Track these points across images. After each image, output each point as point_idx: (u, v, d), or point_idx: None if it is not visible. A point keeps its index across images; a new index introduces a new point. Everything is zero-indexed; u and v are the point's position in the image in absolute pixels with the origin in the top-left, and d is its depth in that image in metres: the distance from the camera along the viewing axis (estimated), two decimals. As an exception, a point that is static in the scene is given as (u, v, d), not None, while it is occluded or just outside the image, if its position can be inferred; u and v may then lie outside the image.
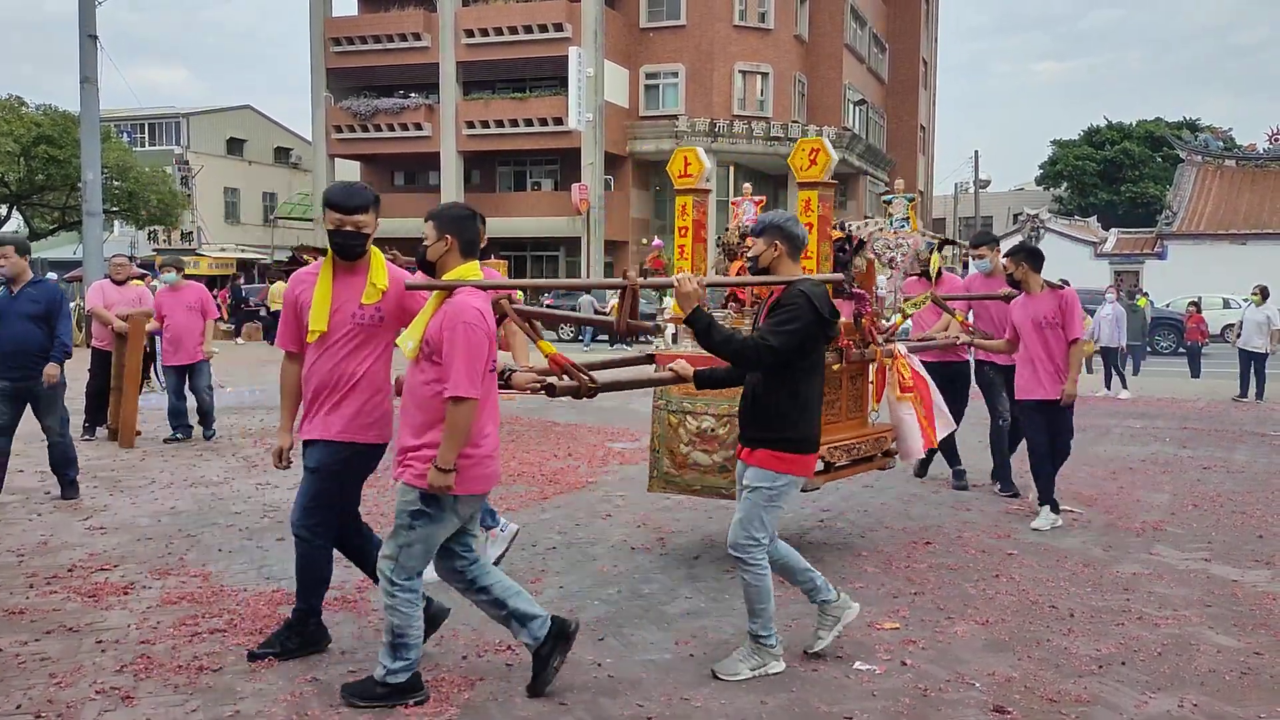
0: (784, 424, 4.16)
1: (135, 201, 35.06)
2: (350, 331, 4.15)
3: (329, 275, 4.18)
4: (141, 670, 4.14)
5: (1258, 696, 4.03)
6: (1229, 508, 7.43)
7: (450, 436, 3.72)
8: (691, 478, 5.75)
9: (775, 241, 4.28)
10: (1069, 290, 6.98)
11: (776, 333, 4.05)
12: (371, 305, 4.16)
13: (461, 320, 3.72)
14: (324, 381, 4.17)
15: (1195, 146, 40.69)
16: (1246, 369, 14.93)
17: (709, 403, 5.63)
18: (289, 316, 4.28)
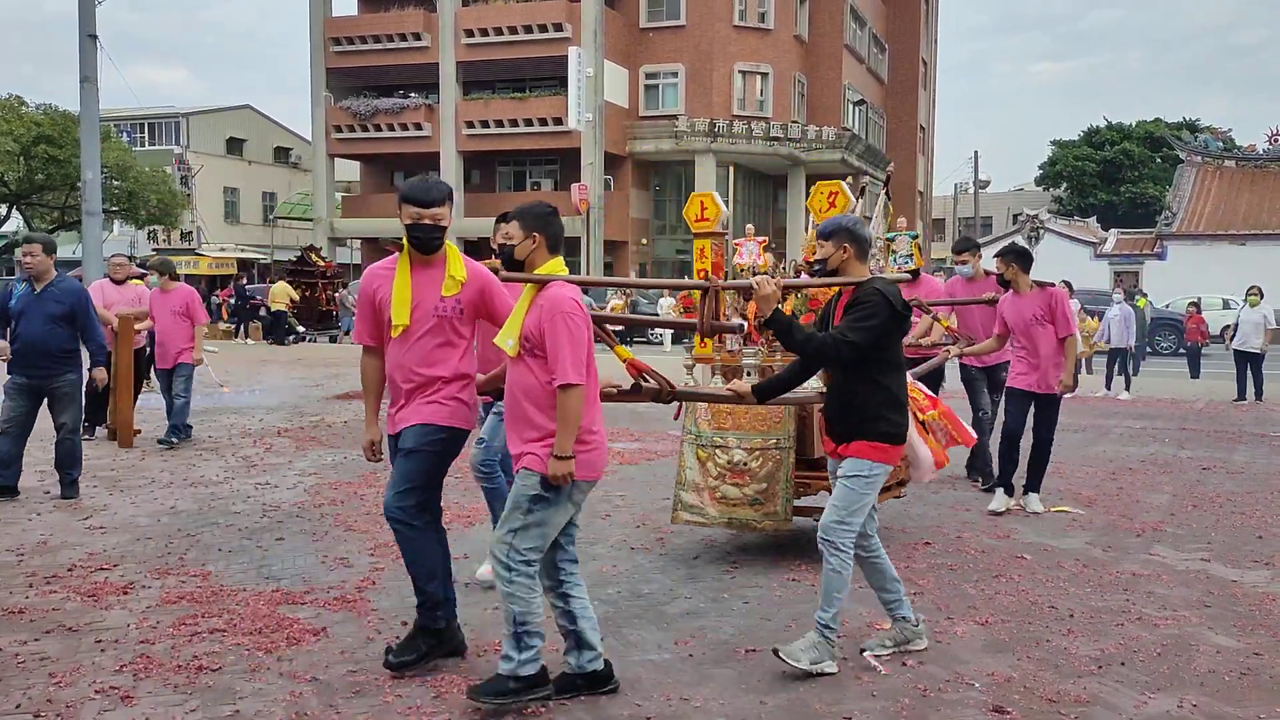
0: (875, 416, 4.28)
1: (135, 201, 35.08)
2: (433, 324, 4.19)
3: (407, 270, 4.22)
4: (141, 670, 4.14)
5: (1257, 697, 4.03)
6: (1228, 508, 7.43)
7: (565, 424, 3.80)
8: (718, 512, 5.80)
9: (844, 244, 4.41)
10: (1058, 289, 7.27)
11: (855, 329, 4.17)
12: (451, 297, 4.21)
13: (561, 311, 3.81)
14: (411, 373, 4.20)
15: (1195, 147, 40.70)
16: (1243, 371, 14.86)
17: (741, 436, 5.73)
18: (367, 312, 4.32)
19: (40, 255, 7.19)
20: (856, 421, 4.29)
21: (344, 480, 8.09)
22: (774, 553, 6.05)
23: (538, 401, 3.87)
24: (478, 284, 4.27)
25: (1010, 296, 7.23)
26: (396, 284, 4.19)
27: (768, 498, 5.68)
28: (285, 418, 11.74)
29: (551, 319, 3.80)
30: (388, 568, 5.63)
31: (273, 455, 9.22)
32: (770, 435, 5.69)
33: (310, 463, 8.86)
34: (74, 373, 7.34)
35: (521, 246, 3.98)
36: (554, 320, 3.80)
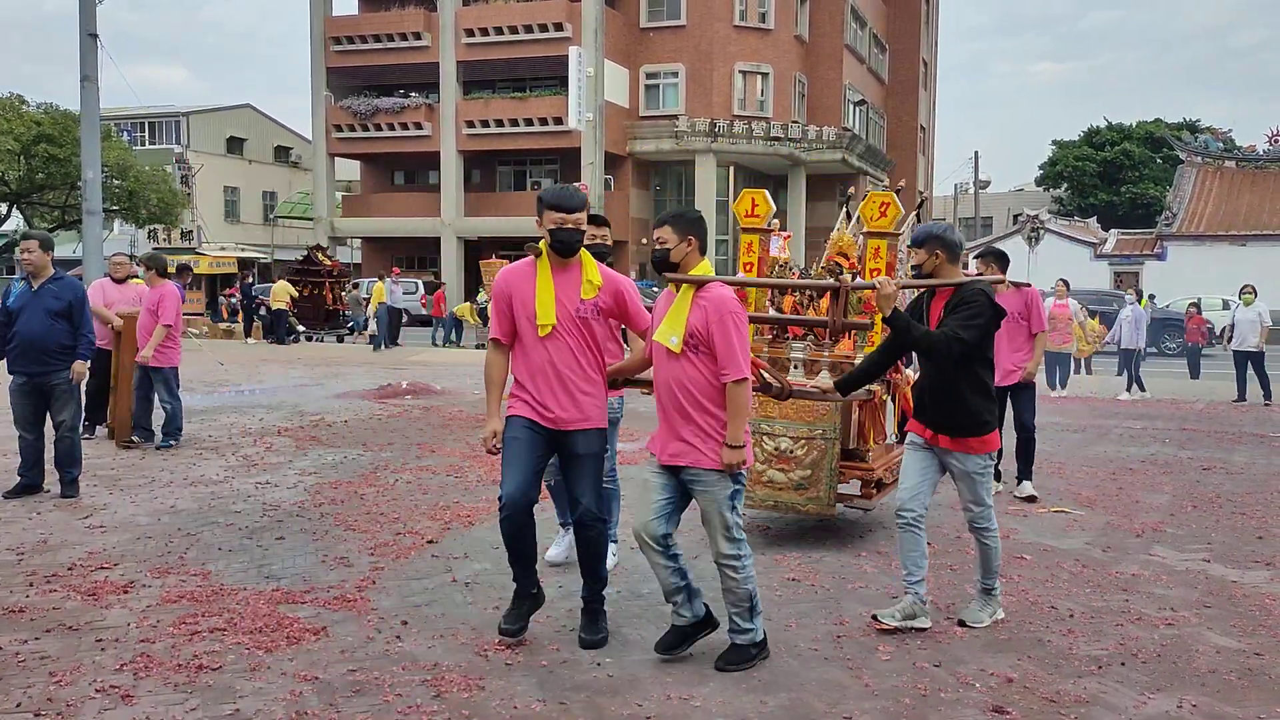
0: (980, 410, 4.72)
1: (135, 200, 35.05)
2: (572, 325, 4.43)
3: (549, 273, 4.45)
4: (141, 669, 4.14)
5: (1257, 697, 4.03)
6: (1228, 509, 7.43)
7: (736, 415, 4.14)
8: (764, 494, 6.16)
9: (936, 250, 4.79)
10: (1032, 289, 7.96)
11: (967, 327, 4.57)
12: (589, 300, 4.45)
13: (730, 310, 4.15)
14: (545, 369, 4.42)
15: (1195, 147, 40.67)
16: (1243, 371, 14.81)
17: (788, 425, 6.08)
18: (502, 310, 4.51)
19: (37, 252, 7.27)
20: (965, 417, 4.71)
21: (344, 480, 8.09)
22: (774, 552, 6.05)
23: (706, 394, 4.18)
24: (613, 287, 4.53)
25: None
26: (539, 287, 4.42)
27: (812, 483, 6.05)
28: (285, 417, 11.74)
29: (720, 318, 4.12)
30: (388, 567, 5.63)
31: (273, 454, 9.22)
32: (816, 426, 6.03)
33: (311, 462, 8.86)
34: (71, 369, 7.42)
35: (677, 249, 4.29)
36: (723, 319, 4.12)
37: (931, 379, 4.81)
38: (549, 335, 4.40)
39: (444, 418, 11.76)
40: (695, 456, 4.19)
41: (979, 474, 4.76)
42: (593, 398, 4.49)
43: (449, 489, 7.77)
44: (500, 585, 5.32)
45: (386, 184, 45.69)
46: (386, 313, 23.64)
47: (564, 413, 4.43)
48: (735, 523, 4.27)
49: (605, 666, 4.25)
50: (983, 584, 4.90)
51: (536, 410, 4.44)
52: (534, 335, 4.42)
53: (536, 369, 4.44)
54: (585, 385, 4.46)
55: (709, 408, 4.18)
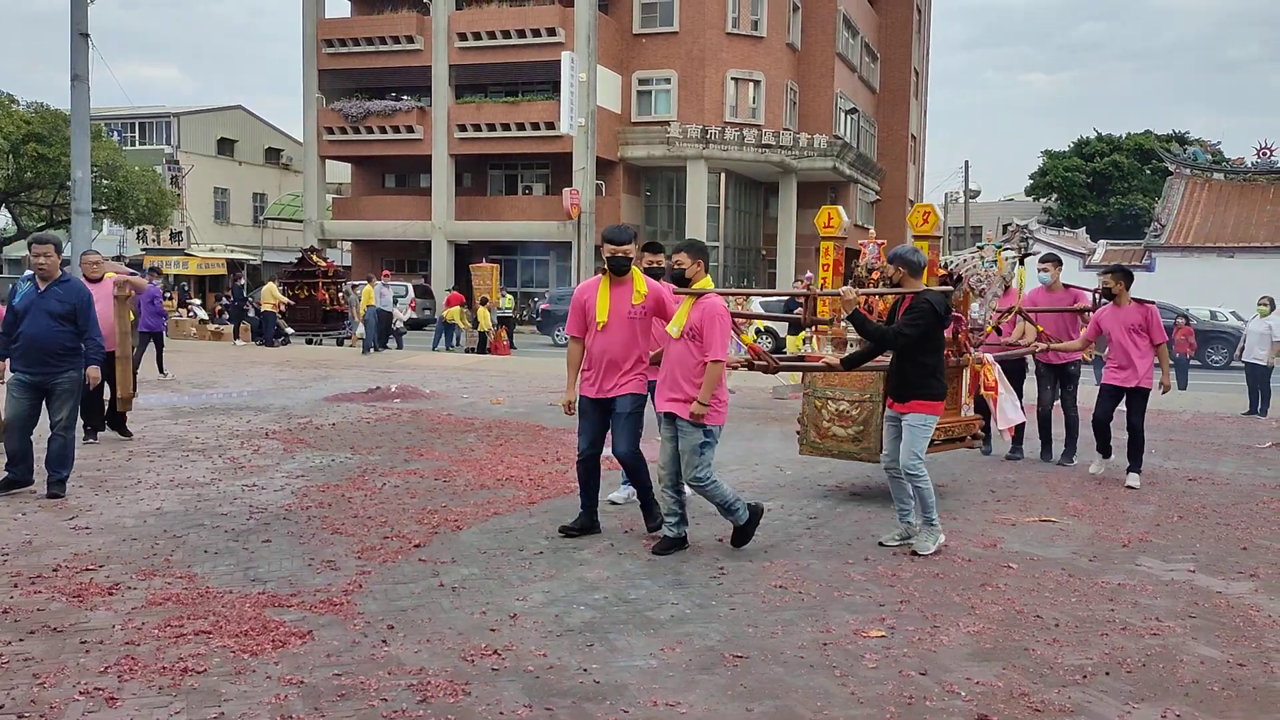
0: (922, 383, 6.19)
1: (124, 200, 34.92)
2: (624, 323, 6.23)
3: (606, 285, 6.30)
4: (125, 671, 4.12)
5: (1241, 708, 4.05)
6: (1214, 520, 7.46)
7: (708, 385, 5.88)
8: (830, 444, 7.83)
9: (900, 268, 6.37)
10: (1152, 305, 8.80)
11: (911, 325, 6.11)
12: (638, 305, 6.26)
13: (716, 312, 5.96)
14: (610, 357, 6.24)
15: (1184, 160, 40.85)
16: (1253, 383, 14.55)
17: (845, 391, 7.69)
18: (578, 313, 6.33)
19: (54, 256, 7.40)
20: (911, 386, 6.19)
21: (332, 483, 8.07)
22: (761, 560, 6.06)
23: (689, 372, 5.95)
24: (655, 296, 6.32)
25: (1110, 307, 8.82)
26: (599, 295, 6.27)
27: (863, 436, 7.59)
28: (273, 419, 11.71)
29: (710, 318, 5.91)
30: (374, 571, 5.62)
31: (260, 457, 9.20)
32: (865, 391, 7.57)
33: (298, 464, 8.84)
34: (75, 370, 7.48)
35: (691, 269, 6.12)
36: (711, 318, 5.91)
37: (892, 362, 6.36)
38: (605, 329, 6.20)
39: (433, 421, 11.75)
40: (680, 409, 5.95)
41: (917, 427, 6.18)
42: (634, 373, 6.28)
43: (437, 493, 7.76)
44: (488, 590, 5.32)
45: (377, 187, 45.65)
46: (375, 315, 23.59)
47: (610, 385, 6.24)
48: (702, 463, 5.97)
49: (592, 672, 4.24)
50: (925, 518, 6.23)
51: (595, 387, 6.28)
52: (595, 329, 6.23)
53: (595, 355, 6.26)
54: (629, 365, 6.25)
55: (693, 379, 5.93)
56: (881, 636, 4.76)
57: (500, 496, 7.65)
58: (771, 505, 7.39)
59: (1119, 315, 8.73)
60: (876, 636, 4.76)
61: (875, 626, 4.90)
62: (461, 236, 40.62)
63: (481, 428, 11.32)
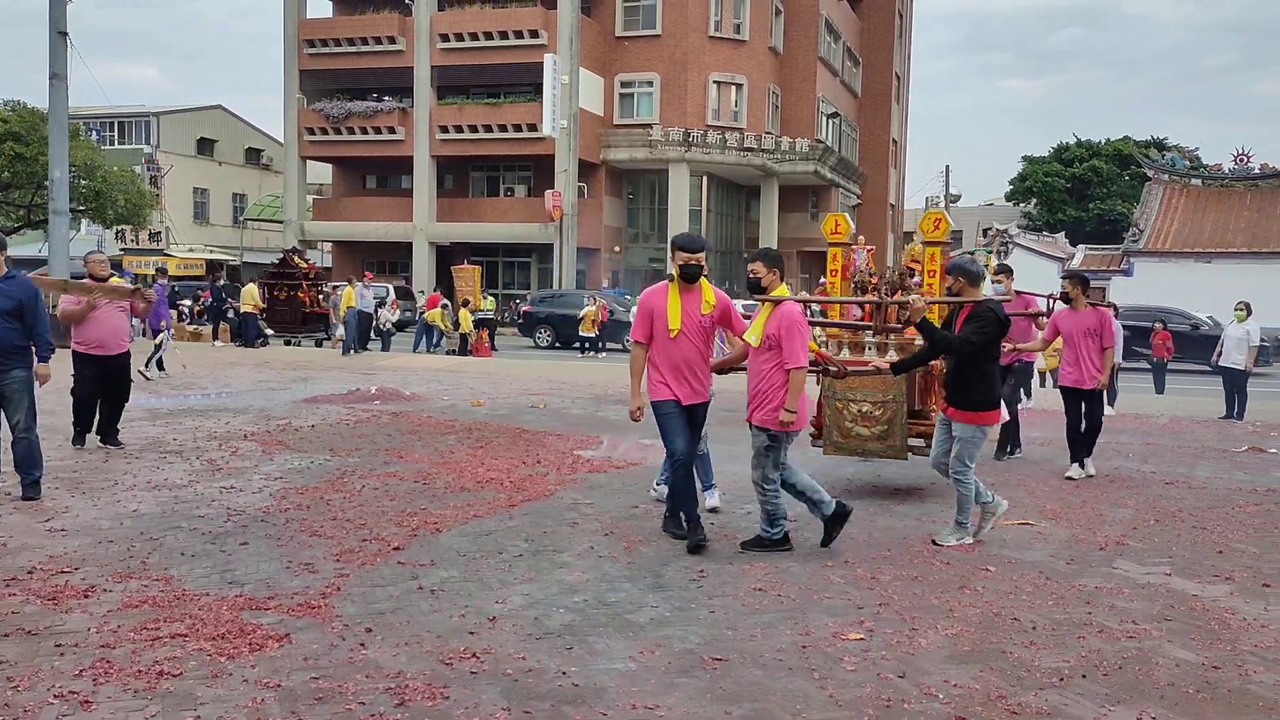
0: (987, 391, 6.46)
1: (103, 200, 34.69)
2: (693, 330, 6.29)
3: (677, 293, 6.31)
4: (101, 674, 4.09)
5: (1215, 710, 4.08)
6: (1190, 523, 7.52)
7: (793, 392, 6.03)
8: (855, 444, 8.06)
9: (959, 277, 6.68)
10: (1107, 311, 9.31)
11: (977, 333, 6.35)
12: (707, 314, 6.32)
13: (796, 320, 6.10)
14: (680, 363, 6.28)
15: (1162, 165, 41.17)
16: (1230, 387, 14.67)
17: (868, 393, 7.91)
18: (645, 319, 6.34)
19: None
20: (973, 396, 6.42)
21: (310, 485, 8.03)
22: (741, 562, 6.07)
23: (770, 379, 6.09)
24: (722, 305, 6.42)
25: (1067, 311, 9.28)
26: (670, 303, 6.28)
27: (888, 435, 7.89)
28: (252, 421, 11.64)
29: (789, 325, 6.05)
30: (353, 574, 5.60)
31: (238, 459, 9.14)
32: (889, 392, 7.84)
33: (277, 466, 8.79)
34: (23, 369, 7.26)
35: (767, 278, 6.27)
36: (790, 326, 6.05)
37: (950, 369, 6.58)
38: (677, 337, 6.24)
39: (413, 423, 11.71)
40: (761, 417, 6.14)
41: (968, 439, 6.46)
42: (705, 383, 6.46)
43: (416, 495, 7.73)
44: (466, 593, 5.31)
45: (358, 188, 45.49)
46: (356, 317, 23.50)
47: (692, 393, 6.35)
48: (770, 466, 6.15)
49: (570, 675, 4.24)
50: (956, 519, 6.62)
51: (688, 390, 6.34)
52: (667, 337, 6.24)
53: (673, 363, 6.28)
54: (702, 373, 6.38)
55: (774, 387, 6.07)
56: (860, 639, 4.78)
57: (480, 499, 7.63)
58: (750, 508, 7.40)
59: (1075, 319, 9.22)
60: (855, 639, 4.77)
61: (854, 629, 4.91)
62: (443, 238, 40.53)
63: (462, 430, 11.29)
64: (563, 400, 14.53)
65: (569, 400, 14.57)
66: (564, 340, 28.54)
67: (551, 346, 29.07)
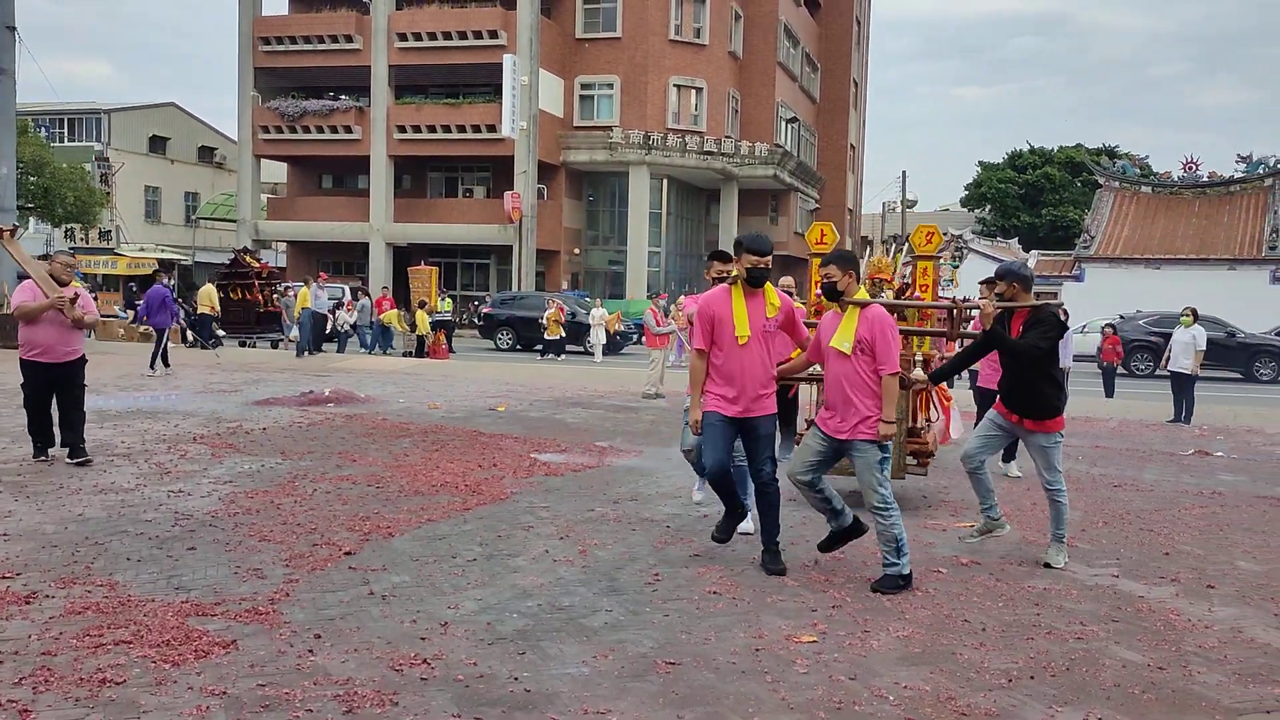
0: (1056, 397, 6.32)
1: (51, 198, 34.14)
2: (759, 337, 5.91)
3: (741, 298, 5.91)
4: (41, 682, 4.00)
5: (1160, 710, 4.13)
6: (1137, 525, 7.63)
7: (891, 399, 5.68)
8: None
9: (1013, 283, 6.43)
10: None
11: (1044, 338, 6.19)
12: (772, 318, 5.95)
13: (888, 324, 5.74)
14: (746, 372, 5.87)
15: (1113, 173, 41.84)
16: (1178, 391, 14.95)
17: None
18: (707, 328, 5.94)
19: None
20: (1045, 403, 6.26)
21: (260, 489, 7.93)
22: (697, 565, 6.07)
23: (867, 387, 5.69)
24: (786, 308, 6.05)
25: None
26: (735, 309, 5.89)
27: None
28: (202, 423, 11.48)
29: (883, 330, 5.68)
30: (302, 579, 5.53)
31: (187, 462, 9.01)
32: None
33: (226, 470, 8.67)
34: None
35: (843, 280, 5.83)
36: (885, 330, 5.69)
37: (1015, 376, 6.36)
38: (746, 344, 5.83)
39: (367, 426, 11.61)
40: (855, 431, 5.68)
41: (1052, 447, 6.29)
42: (771, 392, 6.00)
43: (369, 499, 7.66)
44: (418, 599, 5.26)
45: (314, 187, 45.06)
46: (310, 318, 23.27)
47: (752, 404, 5.88)
48: (883, 479, 5.68)
49: (523, 681, 4.21)
50: (1054, 533, 6.42)
51: (739, 406, 5.87)
52: (734, 344, 5.85)
53: (738, 371, 5.86)
54: (767, 382, 5.97)
55: (866, 397, 5.66)
56: (813, 642, 4.79)
57: (434, 503, 7.58)
58: (707, 512, 7.41)
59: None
60: (808, 642, 4.79)
61: (807, 632, 4.93)
62: (400, 239, 40.25)
63: (417, 433, 11.21)
64: (521, 403, 14.47)
65: (527, 403, 14.51)
66: (525, 342, 28.44)
67: (512, 349, 28.97)
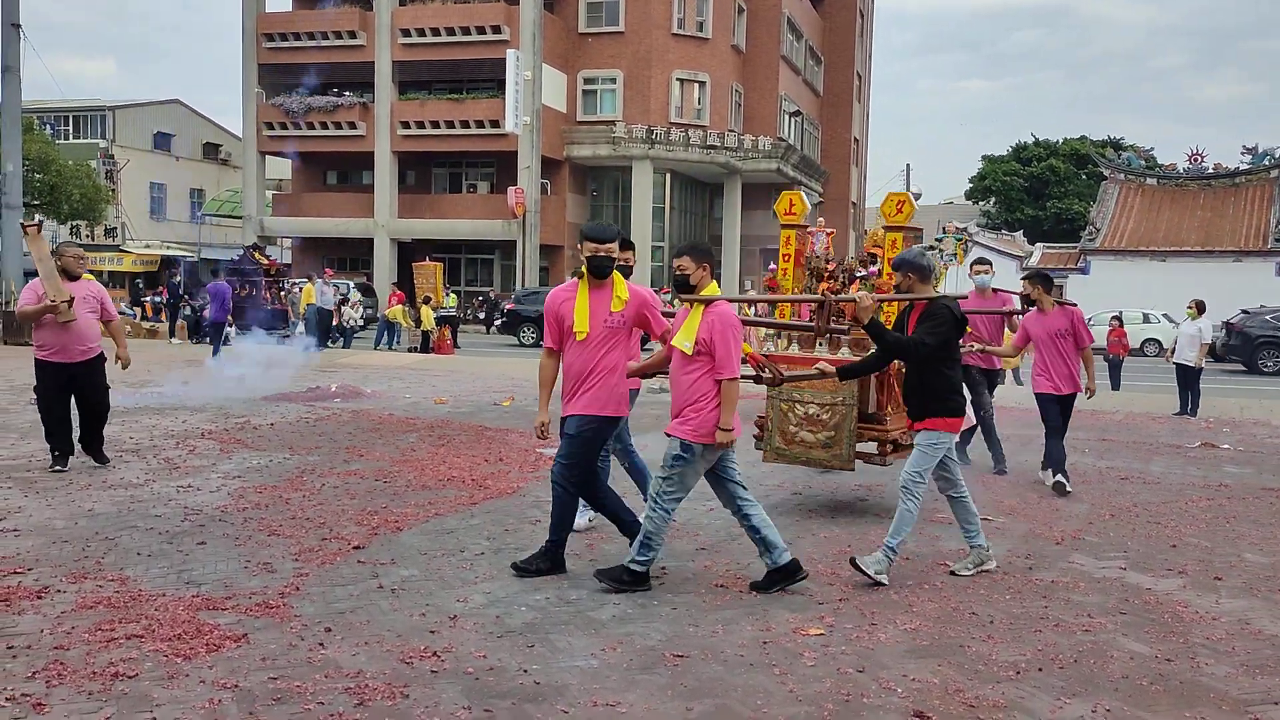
0: (943, 398, 5.75)
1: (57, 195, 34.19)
2: (602, 333, 5.47)
3: (585, 291, 5.52)
4: (54, 677, 4.03)
5: (1168, 702, 4.14)
6: (1145, 518, 7.63)
7: (729, 405, 5.26)
8: (798, 451, 7.26)
9: (909, 273, 5.93)
10: (1077, 309, 8.60)
11: (931, 334, 5.68)
12: (618, 313, 5.51)
13: (731, 325, 5.30)
14: (582, 370, 5.49)
15: (1118, 165, 41.78)
16: (1183, 384, 14.90)
17: (815, 395, 7.15)
18: (552, 324, 5.60)
19: None
20: (928, 402, 5.76)
21: (269, 484, 7.96)
22: (703, 559, 6.08)
23: (695, 388, 5.29)
24: (637, 301, 5.58)
25: (1035, 313, 8.60)
26: (578, 303, 5.50)
27: (835, 442, 7.16)
28: (210, 419, 11.51)
29: (723, 330, 5.24)
30: (312, 573, 5.55)
31: (196, 457, 9.04)
32: (838, 394, 7.11)
33: (235, 465, 8.70)
34: None
35: (696, 274, 5.44)
36: (725, 331, 5.25)
37: (909, 374, 5.92)
38: (584, 340, 5.46)
39: (374, 421, 11.64)
40: (685, 430, 5.29)
41: (928, 447, 5.74)
42: (602, 394, 5.51)
43: (377, 494, 7.68)
44: (427, 592, 5.29)
45: (319, 183, 45.04)
46: (316, 314, 23.29)
47: (573, 403, 5.52)
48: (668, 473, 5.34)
49: (532, 673, 4.23)
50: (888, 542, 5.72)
51: (565, 402, 5.57)
52: (573, 341, 5.49)
53: (575, 370, 5.51)
54: (599, 379, 5.49)
55: (704, 399, 5.27)
56: (820, 634, 4.81)
57: (441, 497, 7.60)
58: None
59: (1043, 321, 8.52)
60: (815, 634, 4.80)
61: (814, 625, 4.94)
62: (405, 234, 40.26)
63: (423, 428, 11.23)
64: (526, 398, 14.49)
65: (532, 398, 14.52)
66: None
67: (536, 344, 28.99)
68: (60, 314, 8.07)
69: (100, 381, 8.47)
